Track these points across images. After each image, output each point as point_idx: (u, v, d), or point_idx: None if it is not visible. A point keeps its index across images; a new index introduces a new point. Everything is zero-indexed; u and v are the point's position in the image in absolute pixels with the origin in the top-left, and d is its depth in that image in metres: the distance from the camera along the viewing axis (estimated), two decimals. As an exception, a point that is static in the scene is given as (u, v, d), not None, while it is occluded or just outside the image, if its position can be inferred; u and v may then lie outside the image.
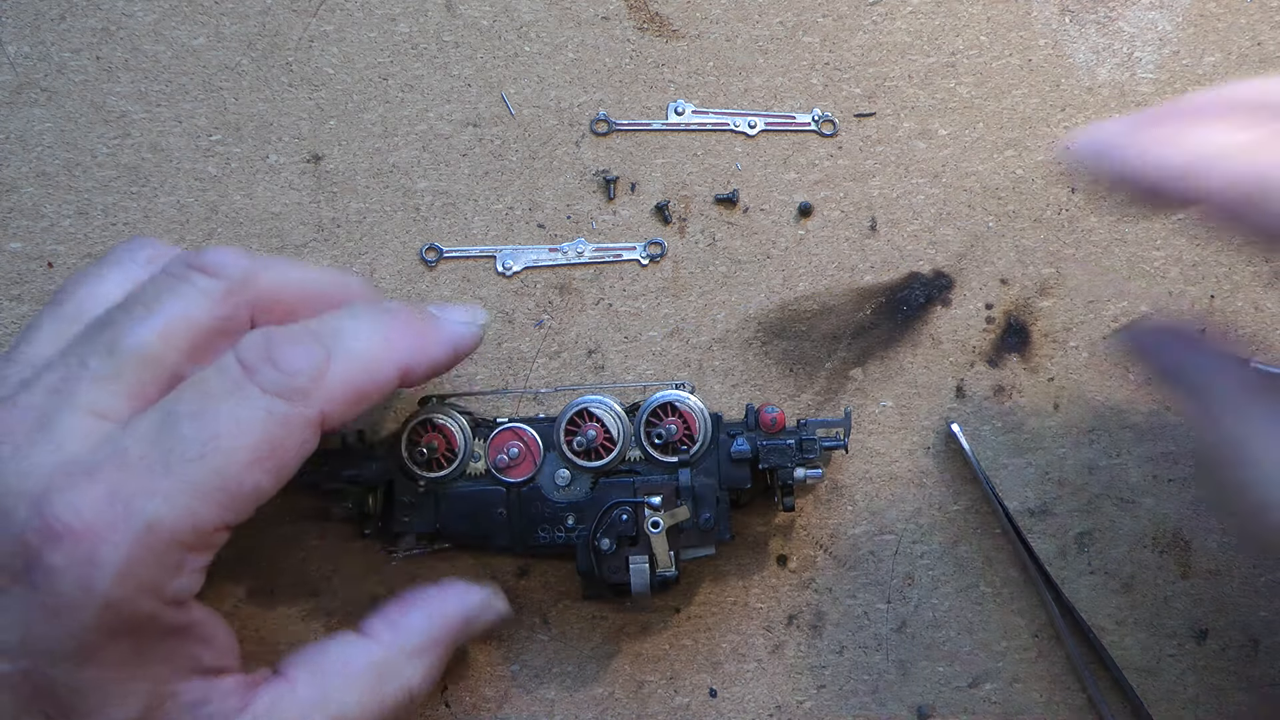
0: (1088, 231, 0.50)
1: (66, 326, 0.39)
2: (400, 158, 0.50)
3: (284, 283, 0.40)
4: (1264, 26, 0.51)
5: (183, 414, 0.35)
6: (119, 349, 0.36)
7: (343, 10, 0.51)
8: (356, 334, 0.38)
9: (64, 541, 0.34)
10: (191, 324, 0.37)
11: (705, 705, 0.47)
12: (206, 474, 0.35)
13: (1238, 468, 0.35)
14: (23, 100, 0.50)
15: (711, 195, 0.50)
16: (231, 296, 0.38)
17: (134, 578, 0.34)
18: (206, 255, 0.39)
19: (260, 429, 0.36)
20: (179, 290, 0.38)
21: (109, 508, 0.34)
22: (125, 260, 0.41)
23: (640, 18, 0.51)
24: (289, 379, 0.36)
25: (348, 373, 0.37)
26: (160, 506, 0.34)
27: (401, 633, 0.42)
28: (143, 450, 0.35)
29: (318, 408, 0.37)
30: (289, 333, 0.38)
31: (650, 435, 0.45)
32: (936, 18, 0.51)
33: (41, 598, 0.34)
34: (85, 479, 0.34)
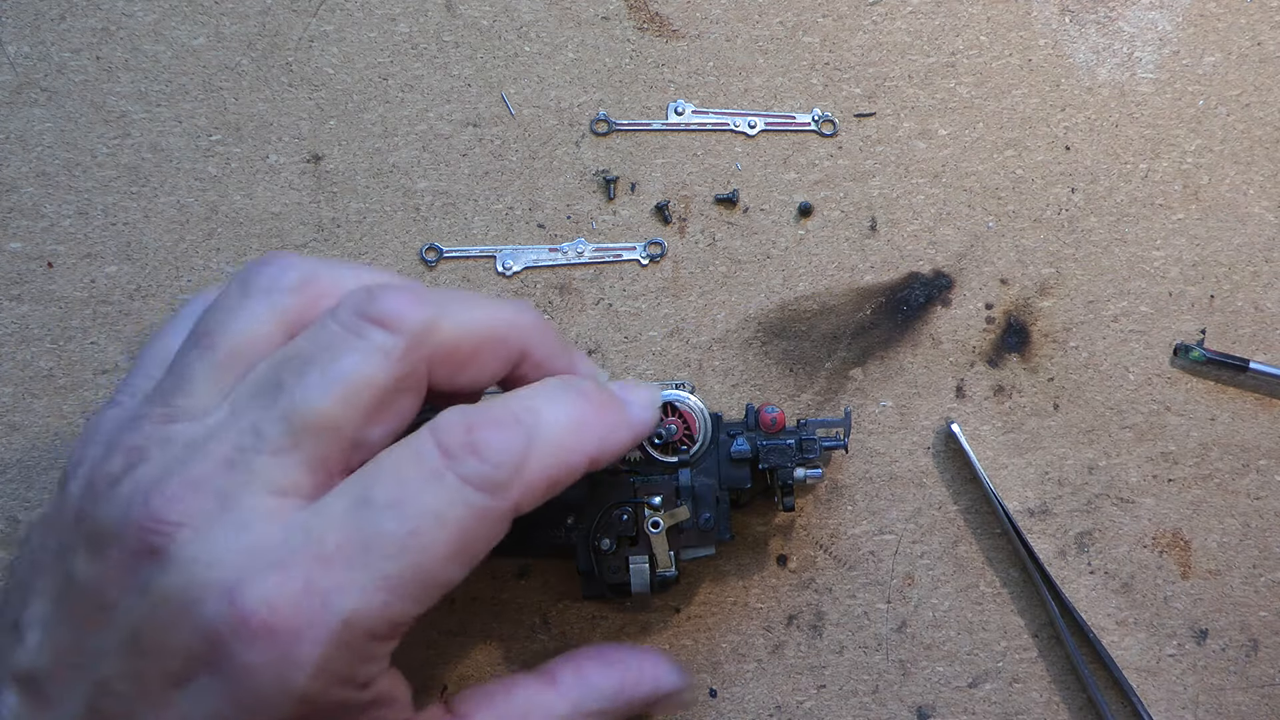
0: (1088, 231, 0.50)
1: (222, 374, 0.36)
2: (400, 158, 0.50)
3: (463, 332, 0.37)
4: (1264, 26, 0.51)
5: (380, 502, 0.34)
6: (295, 418, 0.34)
7: (343, 10, 0.51)
8: (554, 420, 0.36)
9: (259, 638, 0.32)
10: (372, 385, 0.35)
11: (705, 705, 0.47)
12: (404, 569, 0.33)
13: None
14: (23, 100, 0.50)
15: (711, 195, 0.50)
16: (411, 354, 0.35)
17: (330, 673, 0.33)
18: (383, 304, 0.35)
19: (460, 524, 0.34)
20: (354, 347, 0.35)
21: (305, 601, 0.32)
22: (270, 288, 0.37)
23: (640, 18, 0.51)
24: (491, 471, 0.34)
25: (544, 462, 0.36)
26: (357, 602, 0.33)
27: (589, 692, 0.40)
28: (339, 539, 0.33)
29: (515, 500, 0.35)
30: (489, 415, 0.35)
31: (650, 436, 0.45)
32: (936, 18, 0.51)
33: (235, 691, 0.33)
34: (278, 570, 0.33)
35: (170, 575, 0.33)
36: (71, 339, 0.48)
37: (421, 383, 0.36)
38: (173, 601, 0.33)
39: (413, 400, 0.36)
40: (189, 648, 0.33)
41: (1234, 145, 0.50)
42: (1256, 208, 0.50)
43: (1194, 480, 0.49)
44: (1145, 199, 0.50)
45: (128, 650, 0.34)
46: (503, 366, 0.38)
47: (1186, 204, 0.50)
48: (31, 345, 0.48)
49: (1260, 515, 0.48)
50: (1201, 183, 0.50)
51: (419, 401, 0.37)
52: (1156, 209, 0.50)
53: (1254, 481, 0.49)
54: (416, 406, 0.37)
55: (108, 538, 0.34)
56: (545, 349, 0.39)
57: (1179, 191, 0.50)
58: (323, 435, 0.34)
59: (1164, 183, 0.50)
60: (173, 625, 0.33)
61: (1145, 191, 0.50)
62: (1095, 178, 0.50)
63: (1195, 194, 0.50)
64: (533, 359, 0.39)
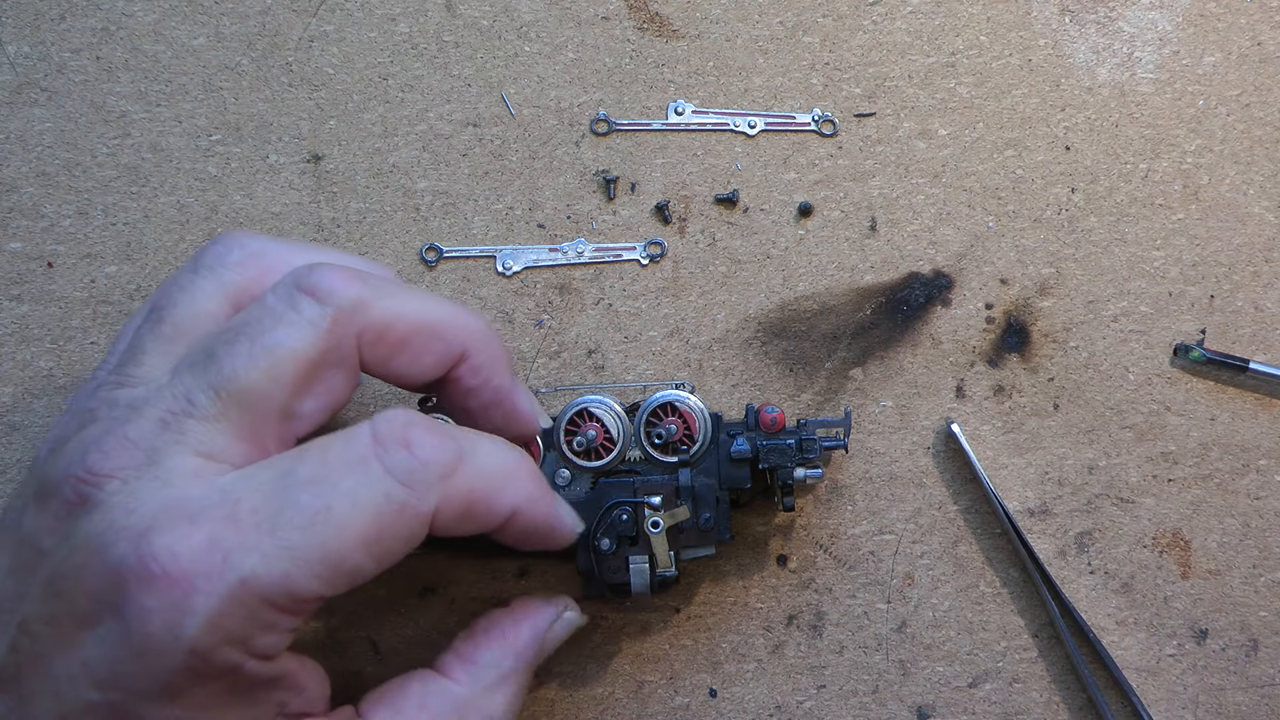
0: (1088, 231, 0.50)
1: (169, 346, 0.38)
2: (400, 158, 0.50)
3: (397, 315, 0.38)
4: (1264, 26, 0.51)
5: (302, 477, 0.35)
6: (224, 387, 0.36)
7: (343, 10, 0.51)
8: (491, 455, 0.38)
9: (158, 583, 0.33)
10: (298, 357, 0.36)
11: (705, 705, 0.47)
12: (310, 543, 0.34)
13: None
14: (23, 100, 0.50)
15: (711, 195, 0.50)
16: (338, 326, 0.37)
17: (222, 630, 0.34)
18: (317, 277, 0.37)
19: (375, 511, 0.35)
20: (284, 319, 0.36)
21: (207, 555, 0.33)
22: (216, 265, 0.39)
23: (640, 18, 0.51)
24: (418, 468, 0.35)
25: (472, 484, 0.37)
26: (258, 564, 0.34)
27: (479, 670, 0.41)
28: (253, 504, 0.34)
29: (434, 504, 0.36)
30: (428, 423, 0.37)
31: (650, 435, 0.45)
32: (936, 18, 0.51)
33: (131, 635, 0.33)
34: (188, 523, 0.34)
35: (93, 521, 0.34)
36: (71, 339, 0.48)
37: (351, 359, 0.37)
38: (89, 545, 0.34)
39: (344, 378, 0.37)
40: (96, 590, 0.34)
41: (1234, 145, 0.50)
42: (1256, 208, 0.50)
43: (1194, 480, 0.49)
44: (1145, 199, 0.50)
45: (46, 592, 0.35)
46: (438, 361, 0.39)
47: (1186, 204, 0.50)
48: (31, 345, 0.48)
49: (1260, 515, 0.48)
50: (1201, 183, 0.50)
51: (351, 379, 0.38)
52: (1156, 209, 0.50)
53: (1254, 481, 0.49)
54: (349, 384, 0.38)
55: (49, 490, 0.36)
56: (487, 356, 0.40)
57: (1179, 191, 0.50)
58: (249, 404, 0.36)
59: (1164, 183, 0.50)
60: (85, 567, 0.34)
61: (1145, 191, 0.50)
62: (1095, 178, 0.50)
63: (1195, 194, 0.50)
64: (472, 363, 0.40)
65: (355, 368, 0.38)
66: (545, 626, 0.43)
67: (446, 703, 0.40)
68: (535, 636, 0.43)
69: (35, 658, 0.35)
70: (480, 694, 0.41)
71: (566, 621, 0.44)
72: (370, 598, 0.47)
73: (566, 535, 0.42)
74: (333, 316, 0.36)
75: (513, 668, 0.42)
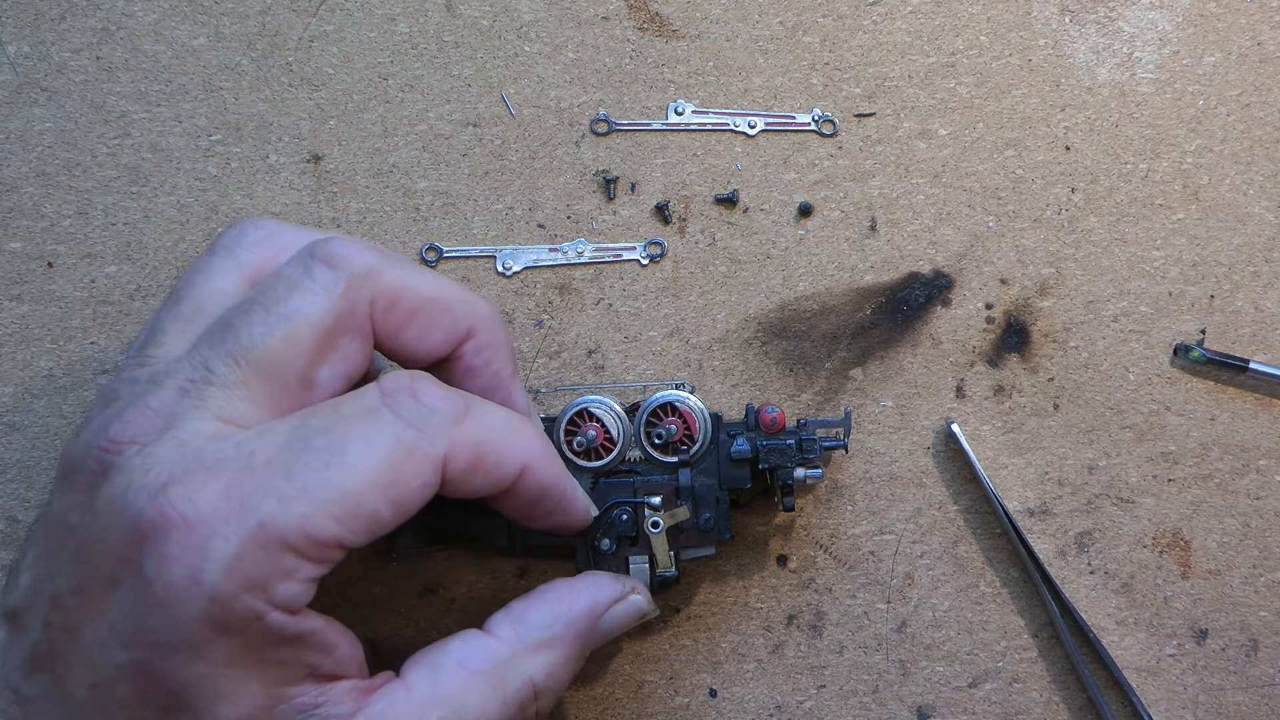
0: (1088, 231, 0.50)
1: (188, 325, 0.39)
2: (400, 158, 0.50)
3: (409, 285, 0.39)
4: (1264, 26, 0.51)
5: (314, 428, 0.35)
6: (241, 355, 0.36)
7: (343, 10, 0.51)
8: (497, 413, 0.39)
9: (176, 531, 0.34)
10: (313, 323, 0.37)
11: (705, 705, 0.47)
12: (326, 486, 0.35)
13: None
14: (23, 100, 0.50)
15: (711, 195, 0.50)
16: (351, 291, 0.37)
17: (242, 574, 0.34)
18: (331, 245, 0.38)
19: (386, 453, 0.35)
20: (299, 286, 0.37)
21: (225, 502, 0.34)
22: (232, 247, 0.40)
23: (640, 18, 0.51)
24: (425, 413, 0.36)
25: (480, 433, 0.37)
26: (275, 507, 0.34)
27: (525, 628, 0.41)
28: (269, 455, 0.35)
29: (444, 447, 0.36)
30: (434, 380, 0.38)
31: (650, 435, 0.45)
32: (936, 18, 0.51)
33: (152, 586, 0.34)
34: (205, 474, 0.34)
35: (113, 485, 0.35)
36: (71, 339, 0.48)
37: (365, 325, 0.38)
38: (110, 508, 0.35)
39: (359, 345, 0.38)
40: (118, 549, 0.34)
41: (1234, 145, 0.50)
42: (1256, 208, 0.50)
43: (1194, 480, 0.49)
44: (1145, 199, 0.50)
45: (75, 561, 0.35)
46: (446, 337, 0.40)
47: (1186, 204, 0.50)
48: (31, 345, 0.48)
49: (1260, 515, 0.48)
50: (1201, 183, 0.50)
51: (366, 347, 0.38)
52: (1156, 209, 0.50)
53: (1254, 481, 0.49)
54: (364, 352, 0.38)
55: (74, 467, 0.36)
56: (491, 338, 0.40)
57: (1179, 191, 0.50)
58: (268, 371, 0.36)
59: (1164, 183, 0.50)
60: (107, 530, 0.35)
61: (1145, 191, 0.50)
62: (1095, 178, 0.50)
63: (1195, 194, 0.50)
64: (477, 342, 0.40)
65: (370, 335, 0.38)
66: (606, 602, 0.42)
67: (486, 660, 0.39)
68: (592, 609, 0.42)
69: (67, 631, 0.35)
70: (522, 653, 0.40)
71: (632, 605, 0.43)
72: (370, 598, 0.47)
73: (580, 511, 0.42)
74: (346, 281, 0.37)
75: (562, 633, 0.41)
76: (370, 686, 0.38)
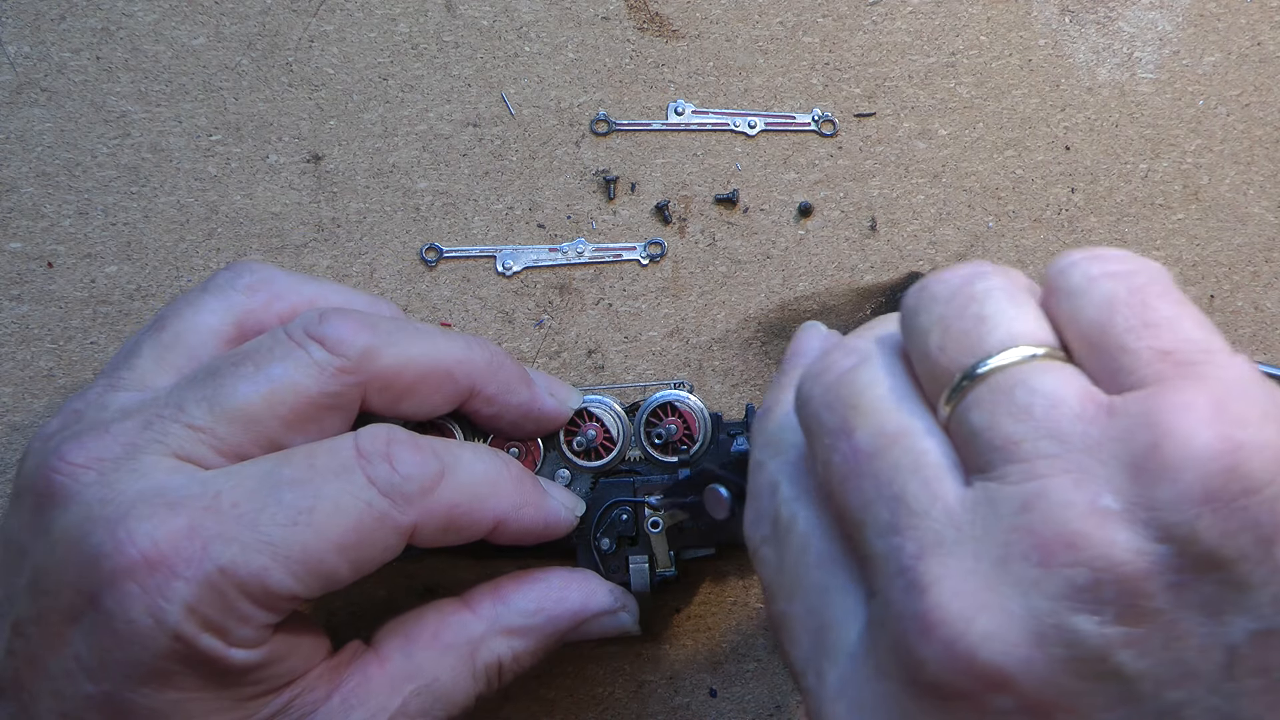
0: (1088, 231, 0.50)
1: (166, 353, 0.38)
2: (400, 158, 0.50)
3: (405, 363, 0.38)
4: (1264, 26, 0.51)
5: (286, 478, 0.35)
6: (219, 401, 0.36)
7: (343, 10, 0.51)
8: (472, 469, 0.38)
9: (138, 570, 0.33)
10: (299, 393, 0.37)
11: (705, 705, 0.47)
12: (291, 541, 0.34)
13: None
14: (23, 100, 0.50)
15: (711, 195, 0.50)
16: (345, 375, 0.37)
17: (200, 616, 0.34)
18: (329, 327, 0.38)
19: (356, 519, 0.35)
20: (292, 355, 0.37)
21: (186, 542, 0.34)
22: (226, 287, 0.40)
23: (640, 18, 0.51)
24: (399, 481, 0.36)
25: (453, 498, 0.37)
26: (237, 555, 0.34)
27: (505, 610, 0.41)
28: (235, 499, 0.35)
29: (414, 518, 0.36)
30: (412, 439, 0.37)
31: (650, 435, 0.45)
32: (936, 18, 0.51)
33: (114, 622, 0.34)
34: (167, 509, 0.34)
35: (69, 514, 0.35)
36: (71, 339, 0.48)
37: (352, 405, 0.38)
38: (67, 538, 0.34)
39: (340, 421, 0.38)
40: (77, 582, 0.34)
41: (1234, 145, 0.50)
42: (1256, 208, 0.50)
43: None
44: (1145, 199, 0.50)
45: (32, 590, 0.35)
46: (446, 401, 0.40)
47: (1186, 204, 0.50)
48: (31, 345, 0.48)
49: (1260, 515, 0.48)
50: (1201, 183, 0.50)
51: (346, 423, 0.38)
52: (1156, 209, 0.50)
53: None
54: (343, 427, 0.38)
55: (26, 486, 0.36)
56: (498, 385, 0.41)
57: (1179, 191, 0.50)
58: (240, 424, 0.36)
59: (1164, 183, 0.50)
60: (65, 562, 0.34)
61: (1145, 191, 0.50)
62: (1095, 178, 0.50)
63: (1195, 194, 0.50)
64: (484, 395, 0.40)
65: (354, 413, 0.38)
66: (595, 610, 0.42)
67: (461, 634, 0.40)
68: (579, 613, 0.41)
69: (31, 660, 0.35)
70: (497, 634, 0.40)
71: (619, 621, 0.43)
72: (370, 598, 0.47)
73: (562, 528, 0.42)
74: (339, 365, 0.37)
75: (541, 626, 0.41)
76: (341, 662, 0.38)
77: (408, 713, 0.38)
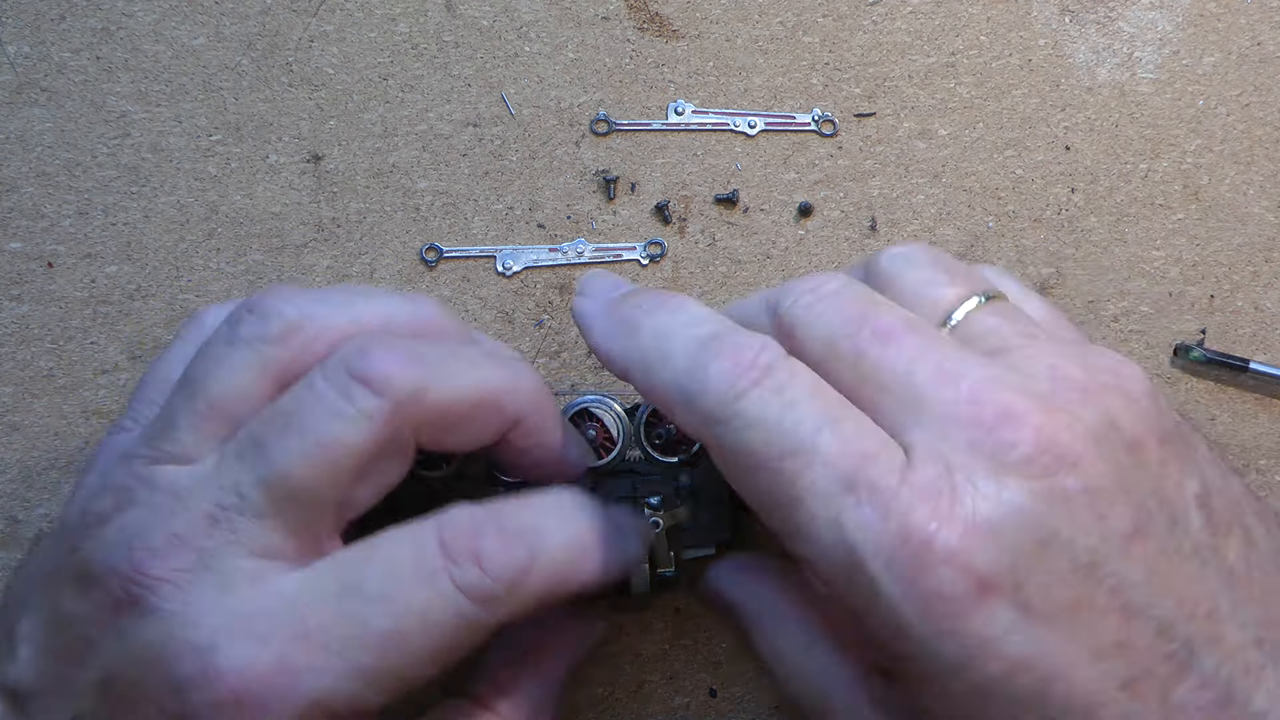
0: (1088, 231, 0.50)
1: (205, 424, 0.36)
2: (400, 158, 0.50)
3: (456, 398, 0.36)
4: (1264, 26, 0.51)
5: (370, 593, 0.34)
6: (275, 482, 0.34)
7: (343, 10, 0.51)
8: (559, 541, 0.36)
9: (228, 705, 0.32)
10: (352, 452, 0.34)
11: (705, 705, 0.47)
12: (381, 664, 0.33)
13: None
14: (23, 100, 0.50)
15: (711, 195, 0.50)
16: (396, 419, 0.35)
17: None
18: (371, 363, 0.35)
19: (447, 630, 0.34)
20: (338, 411, 0.34)
21: (278, 676, 0.33)
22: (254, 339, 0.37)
23: (640, 18, 0.51)
24: (490, 585, 0.34)
25: (542, 584, 0.35)
26: (329, 685, 0.33)
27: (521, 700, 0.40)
28: (321, 621, 0.33)
29: (505, 616, 0.35)
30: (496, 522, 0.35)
31: (650, 435, 0.45)
32: (936, 18, 0.51)
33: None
34: (256, 641, 0.33)
35: (149, 628, 0.33)
36: (71, 339, 0.48)
37: (407, 447, 0.36)
38: (149, 655, 0.33)
39: (399, 464, 0.36)
40: (159, 702, 0.33)
41: (1234, 145, 0.50)
42: (1256, 208, 0.50)
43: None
44: (1145, 199, 0.50)
45: (102, 692, 0.34)
46: (494, 432, 0.38)
47: (1186, 204, 0.50)
48: (31, 345, 0.48)
49: (1260, 515, 0.48)
50: (1201, 183, 0.50)
51: (406, 464, 0.37)
52: (1156, 209, 0.50)
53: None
54: (403, 469, 0.37)
55: (93, 579, 0.34)
56: (540, 419, 0.39)
57: (1179, 191, 0.50)
58: (303, 501, 0.34)
59: (1164, 183, 0.50)
60: (146, 678, 0.33)
61: (1145, 191, 0.50)
62: (1095, 178, 0.50)
63: (1195, 194, 0.50)
64: (526, 427, 0.38)
65: (412, 452, 0.36)
66: (583, 652, 0.42)
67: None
68: (572, 662, 0.42)
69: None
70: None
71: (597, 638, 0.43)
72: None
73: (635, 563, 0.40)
74: (390, 410, 0.35)
75: (551, 694, 0.41)
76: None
77: None
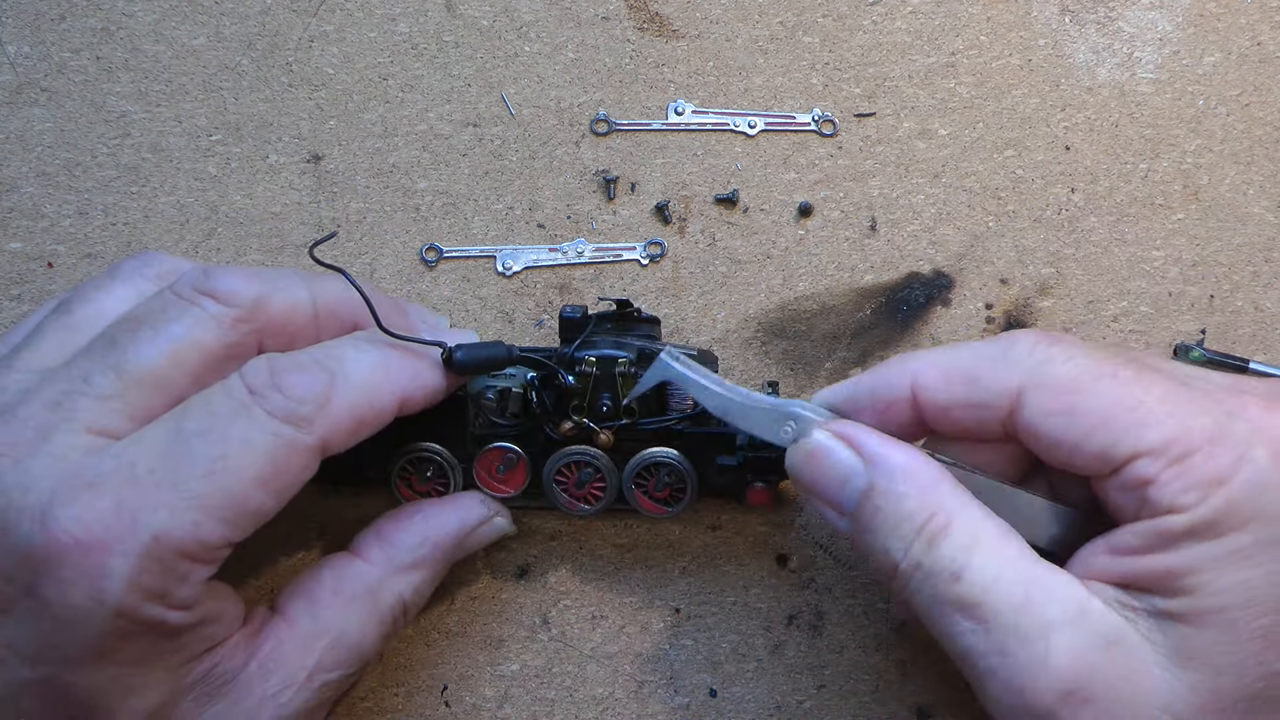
0: (1088, 231, 0.50)
1: (70, 336, 0.39)
2: (400, 158, 0.50)
3: (293, 306, 0.40)
4: (1264, 26, 0.51)
5: (191, 431, 0.36)
6: (125, 368, 0.37)
7: (343, 10, 0.51)
8: (359, 362, 0.39)
9: (72, 555, 0.34)
10: (200, 348, 0.38)
11: (705, 705, 0.47)
12: (213, 491, 0.35)
13: None
14: (23, 100, 0.50)
15: (711, 195, 0.50)
16: (241, 324, 0.38)
17: (142, 587, 0.35)
18: (216, 280, 0.38)
19: (267, 453, 0.36)
20: (188, 313, 0.38)
21: (116, 520, 0.34)
22: (134, 275, 0.41)
23: (640, 18, 0.51)
24: (295, 405, 0.37)
25: (349, 401, 0.38)
26: (166, 520, 0.35)
27: (394, 551, 0.43)
28: (150, 464, 0.35)
29: (320, 435, 0.37)
30: (294, 360, 0.38)
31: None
32: (936, 18, 0.51)
33: (53, 609, 0.34)
34: (90, 491, 0.35)
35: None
36: (71, 339, 0.48)
37: (251, 353, 0.39)
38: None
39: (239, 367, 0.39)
40: (9, 572, 0.35)
41: (1234, 145, 0.50)
42: (1256, 208, 0.50)
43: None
44: (1145, 199, 0.50)
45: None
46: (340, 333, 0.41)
47: (1186, 204, 0.50)
48: (31, 345, 0.48)
49: (1260, 515, 0.48)
50: (1201, 183, 0.50)
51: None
52: (1156, 209, 0.50)
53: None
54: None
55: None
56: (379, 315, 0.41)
57: (1179, 191, 0.50)
58: (148, 388, 0.37)
59: (1164, 183, 0.50)
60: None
61: (1145, 191, 0.50)
62: (1095, 178, 0.50)
63: (1195, 194, 0.50)
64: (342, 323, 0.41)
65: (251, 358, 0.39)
66: (472, 524, 0.44)
67: (359, 585, 0.42)
68: (460, 529, 0.44)
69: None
70: (393, 575, 0.42)
71: (495, 527, 0.45)
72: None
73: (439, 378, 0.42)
74: (235, 315, 0.38)
75: (429, 555, 0.43)
76: (255, 630, 0.40)
77: (324, 668, 0.40)
